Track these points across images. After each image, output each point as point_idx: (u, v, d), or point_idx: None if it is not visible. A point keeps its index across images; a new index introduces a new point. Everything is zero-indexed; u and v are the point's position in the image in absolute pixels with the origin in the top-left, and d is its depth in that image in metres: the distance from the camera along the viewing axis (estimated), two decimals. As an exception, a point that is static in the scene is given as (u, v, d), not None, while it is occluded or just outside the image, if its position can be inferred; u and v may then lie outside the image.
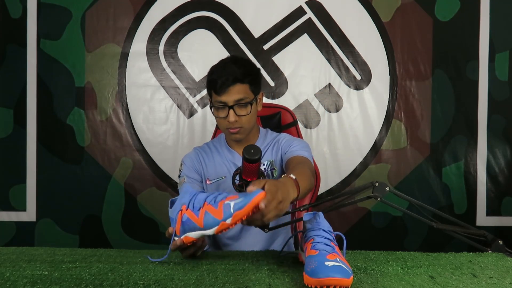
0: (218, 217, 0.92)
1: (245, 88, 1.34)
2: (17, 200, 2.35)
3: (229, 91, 1.32)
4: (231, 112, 1.33)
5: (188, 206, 0.96)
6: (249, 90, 1.35)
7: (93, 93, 2.37)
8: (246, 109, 1.34)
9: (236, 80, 1.32)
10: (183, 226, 0.96)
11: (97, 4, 2.36)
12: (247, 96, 1.34)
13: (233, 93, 1.32)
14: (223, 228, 0.92)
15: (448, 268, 0.98)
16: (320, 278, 0.77)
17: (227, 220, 0.91)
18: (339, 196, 1.24)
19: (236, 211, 0.90)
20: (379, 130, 2.42)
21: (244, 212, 0.89)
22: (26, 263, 0.97)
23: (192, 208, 0.96)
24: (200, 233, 0.94)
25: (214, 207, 0.93)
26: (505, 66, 2.42)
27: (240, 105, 1.33)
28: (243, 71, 1.34)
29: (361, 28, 2.41)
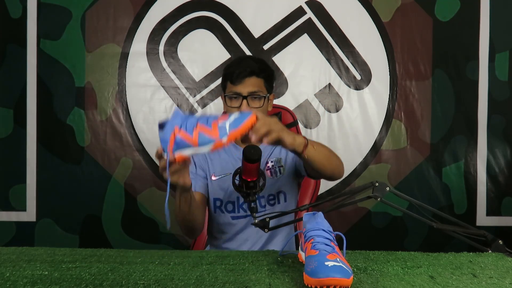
0: (213, 136, 0.95)
1: (260, 82, 1.39)
2: (17, 200, 2.35)
3: (244, 82, 1.37)
4: (244, 103, 1.36)
5: (181, 127, 0.98)
6: (263, 86, 1.40)
7: (93, 93, 2.37)
8: (260, 102, 1.38)
9: (253, 72, 1.37)
10: (177, 145, 0.98)
11: (97, 4, 2.36)
12: (261, 90, 1.39)
13: (248, 85, 1.37)
14: (218, 146, 0.96)
15: (448, 268, 0.98)
16: (320, 278, 0.77)
17: (222, 138, 0.95)
18: (339, 196, 1.24)
19: (231, 130, 0.95)
20: (379, 130, 2.42)
21: (238, 132, 0.95)
22: (26, 263, 0.97)
23: (185, 129, 0.98)
24: (194, 150, 0.98)
25: (207, 127, 0.96)
26: (505, 66, 2.42)
27: (254, 97, 1.37)
28: (259, 66, 1.40)
29: (361, 28, 2.41)
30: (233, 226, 1.45)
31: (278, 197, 1.45)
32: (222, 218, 1.46)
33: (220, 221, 1.47)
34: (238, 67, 1.39)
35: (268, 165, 1.45)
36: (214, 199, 1.46)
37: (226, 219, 1.46)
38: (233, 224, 1.45)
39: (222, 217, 1.46)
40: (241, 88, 1.37)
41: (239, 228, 1.44)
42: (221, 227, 1.47)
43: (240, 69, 1.37)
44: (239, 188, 1.20)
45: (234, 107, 1.38)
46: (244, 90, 1.36)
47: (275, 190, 1.44)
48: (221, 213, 1.46)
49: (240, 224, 1.44)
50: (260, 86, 1.39)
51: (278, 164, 1.46)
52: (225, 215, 1.45)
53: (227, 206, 1.45)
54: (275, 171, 1.44)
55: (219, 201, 1.46)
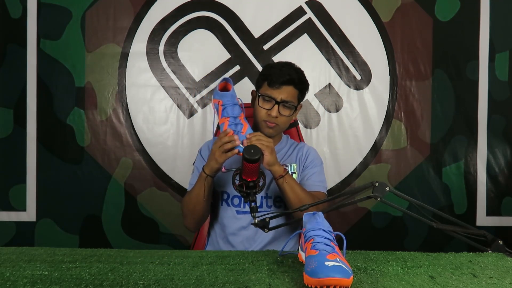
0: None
1: (295, 93, 1.45)
2: (17, 200, 2.35)
3: (282, 88, 1.42)
4: (275, 107, 1.41)
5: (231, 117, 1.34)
6: (297, 96, 1.46)
7: (93, 93, 2.37)
8: (290, 111, 1.44)
9: (292, 81, 1.43)
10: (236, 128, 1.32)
11: (97, 4, 2.36)
12: (293, 101, 1.45)
13: (284, 92, 1.42)
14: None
15: (448, 268, 0.98)
16: (320, 278, 0.77)
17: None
18: (339, 196, 1.25)
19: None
20: (379, 130, 2.42)
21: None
22: (26, 263, 0.97)
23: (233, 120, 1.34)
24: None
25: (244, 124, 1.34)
26: (505, 66, 2.42)
27: (286, 106, 1.43)
28: (299, 77, 1.46)
29: (361, 28, 2.41)
30: (237, 221, 1.46)
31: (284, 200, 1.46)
32: (227, 212, 1.48)
33: (225, 215, 1.49)
34: (279, 71, 1.44)
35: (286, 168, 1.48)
36: (222, 191, 1.49)
37: (231, 213, 1.47)
38: (237, 218, 1.46)
39: (228, 211, 1.48)
40: (276, 93, 1.42)
41: (243, 223, 1.45)
42: (226, 220, 1.48)
43: (281, 74, 1.42)
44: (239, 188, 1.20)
45: (265, 108, 1.43)
46: (279, 96, 1.42)
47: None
48: (227, 206, 1.48)
49: (245, 220, 1.45)
50: (294, 96, 1.45)
51: (292, 170, 1.50)
52: (230, 208, 1.47)
53: (233, 200, 1.47)
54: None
55: (226, 194, 1.48)
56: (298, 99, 1.48)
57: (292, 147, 1.57)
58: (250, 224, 1.44)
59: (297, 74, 1.46)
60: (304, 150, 1.56)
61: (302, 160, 1.53)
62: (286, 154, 1.55)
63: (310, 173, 1.50)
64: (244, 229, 1.46)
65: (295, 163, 1.52)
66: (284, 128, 1.51)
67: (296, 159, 1.53)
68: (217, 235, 1.51)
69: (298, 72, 1.48)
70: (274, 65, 1.51)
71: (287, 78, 1.42)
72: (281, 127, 1.48)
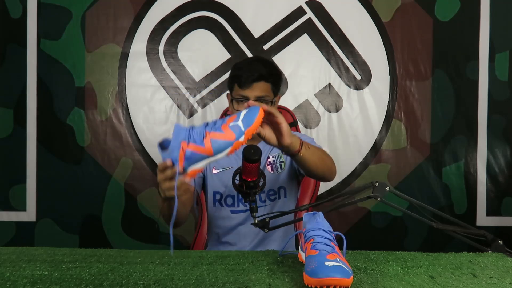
0: (229, 139, 0.91)
1: (267, 87, 1.40)
2: (17, 200, 2.35)
3: (253, 86, 1.37)
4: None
5: (189, 141, 0.91)
6: (271, 90, 1.41)
7: (93, 93, 2.37)
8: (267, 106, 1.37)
9: (261, 77, 1.38)
10: (188, 161, 0.90)
11: (97, 4, 2.36)
12: (268, 94, 1.39)
13: (256, 89, 1.37)
14: (236, 148, 0.92)
15: (448, 268, 0.98)
16: (320, 278, 0.77)
17: (240, 138, 0.91)
18: (339, 196, 1.25)
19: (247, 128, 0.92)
20: (379, 130, 2.42)
21: (254, 128, 0.92)
22: (26, 263, 0.97)
23: (194, 141, 0.91)
24: (209, 160, 0.92)
25: (219, 132, 0.92)
26: (505, 66, 2.42)
27: (261, 101, 1.36)
28: (268, 70, 1.40)
29: (361, 28, 2.41)
30: (232, 220, 1.46)
31: (279, 193, 1.45)
32: (221, 212, 1.47)
33: (219, 215, 1.48)
34: (247, 70, 1.38)
35: (269, 160, 1.45)
36: (214, 192, 1.47)
37: (226, 213, 1.46)
38: (232, 218, 1.45)
39: (222, 211, 1.47)
40: (248, 93, 1.37)
41: (238, 222, 1.45)
42: (220, 221, 1.48)
43: (248, 73, 1.37)
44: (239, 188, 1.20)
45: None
46: (251, 95, 1.37)
47: (276, 185, 1.44)
48: (220, 206, 1.47)
49: (239, 218, 1.45)
50: (268, 90, 1.40)
51: (279, 159, 1.46)
52: (224, 208, 1.46)
53: (226, 200, 1.46)
54: (276, 167, 1.45)
55: (219, 194, 1.46)
56: (273, 91, 1.42)
57: None
58: (244, 222, 1.44)
59: (266, 68, 1.40)
60: None
61: None
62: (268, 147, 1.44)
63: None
64: (240, 225, 1.45)
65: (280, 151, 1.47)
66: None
67: None
68: (214, 236, 1.51)
69: (267, 65, 1.42)
70: (241, 64, 1.44)
71: (256, 75, 1.37)
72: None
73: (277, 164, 1.45)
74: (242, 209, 1.44)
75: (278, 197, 1.45)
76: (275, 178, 1.44)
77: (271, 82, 1.41)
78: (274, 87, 1.42)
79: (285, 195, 1.46)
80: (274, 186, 1.44)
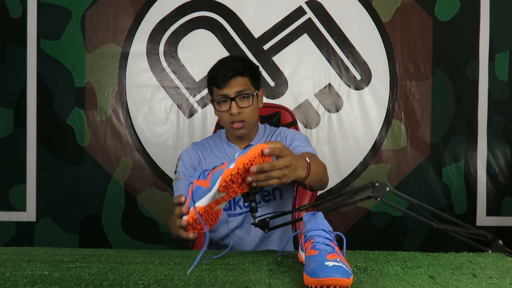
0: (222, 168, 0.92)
1: (245, 81, 1.38)
2: (17, 200, 2.35)
3: (230, 83, 1.35)
4: (233, 104, 1.35)
5: (199, 178, 0.96)
6: (250, 83, 1.38)
7: (93, 93, 2.37)
8: (248, 101, 1.37)
9: (237, 73, 1.36)
10: (193, 196, 0.94)
11: (97, 4, 2.36)
12: (248, 88, 1.37)
13: (234, 85, 1.36)
14: (227, 176, 0.90)
15: (448, 268, 0.98)
16: (320, 278, 0.77)
17: (230, 166, 0.91)
18: (339, 196, 1.24)
19: (239, 156, 0.92)
20: (379, 130, 2.42)
21: (246, 157, 0.90)
22: (26, 263, 0.97)
23: (203, 178, 0.95)
24: (207, 196, 0.93)
25: (219, 166, 0.94)
26: (505, 66, 2.42)
27: (242, 96, 1.36)
28: (243, 64, 1.38)
29: (361, 28, 2.41)
30: (229, 224, 1.45)
31: (273, 194, 1.44)
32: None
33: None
34: (221, 70, 1.37)
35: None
36: None
37: (223, 217, 1.46)
38: (229, 221, 1.45)
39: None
40: (227, 90, 1.35)
41: (235, 225, 1.45)
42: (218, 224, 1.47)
43: (224, 72, 1.36)
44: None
45: (223, 110, 1.37)
46: (230, 91, 1.35)
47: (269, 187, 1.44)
48: None
49: (236, 221, 1.44)
50: (247, 84, 1.37)
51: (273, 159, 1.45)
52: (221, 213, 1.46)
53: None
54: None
55: None
56: (253, 85, 1.39)
57: (270, 135, 1.49)
58: (241, 225, 1.44)
59: (239, 63, 1.38)
60: (282, 133, 1.48)
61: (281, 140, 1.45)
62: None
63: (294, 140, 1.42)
64: (237, 229, 1.45)
65: None
66: (254, 120, 1.41)
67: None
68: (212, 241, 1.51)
69: (240, 60, 1.41)
70: (215, 66, 1.43)
71: (231, 71, 1.35)
72: (250, 122, 1.39)
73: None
74: (238, 212, 1.44)
75: (273, 198, 1.44)
76: None
77: (248, 76, 1.38)
78: (252, 80, 1.39)
79: (281, 196, 1.46)
80: (268, 187, 1.44)
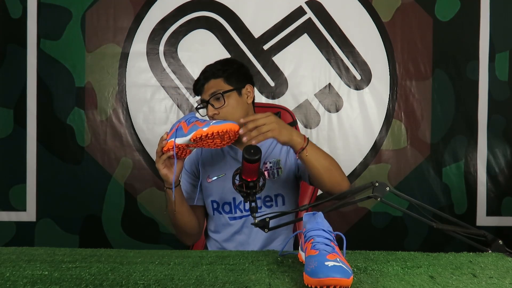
0: (199, 126, 1.17)
1: (218, 82, 1.40)
2: (17, 200, 2.35)
3: (204, 89, 1.41)
4: (209, 107, 1.39)
5: (186, 121, 1.22)
6: (224, 83, 1.40)
7: (93, 93, 2.37)
8: (219, 102, 1.38)
9: (209, 77, 1.41)
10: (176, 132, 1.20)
11: (97, 4, 2.36)
12: (220, 88, 1.38)
13: (208, 89, 1.40)
14: (198, 134, 1.16)
15: (448, 268, 0.98)
16: (320, 278, 0.77)
17: (204, 128, 1.15)
18: (339, 196, 1.24)
19: (214, 124, 1.15)
20: (379, 130, 2.42)
21: (219, 128, 1.14)
22: (26, 263, 0.97)
23: (187, 122, 1.20)
24: (183, 139, 1.19)
25: (200, 121, 1.19)
26: (505, 66, 2.42)
27: (216, 98, 1.37)
28: (217, 67, 1.43)
29: (361, 28, 2.41)
30: (230, 227, 1.45)
31: (276, 200, 1.43)
32: (220, 219, 1.46)
33: (218, 222, 1.47)
34: (198, 79, 1.44)
35: (266, 166, 1.44)
36: (211, 201, 1.46)
37: (224, 220, 1.46)
38: (230, 224, 1.45)
39: (220, 218, 1.46)
40: (204, 96, 1.41)
41: (236, 228, 1.44)
42: (219, 228, 1.47)
43: (200, 80, 1.42)
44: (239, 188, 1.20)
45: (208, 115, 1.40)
46: (205, 96, 1.39)
47: (273, 192, 1.43)
48: (219, 214, 1.46)
49: (238, 225, 1.44)
50: (219, 85, 1.39)
51: (276, 165, 1.44)
52: (223, 216, 1.45)
53: (224, 207, 1.44)
54: (273, 173, 1.43)
55: (216, 203, 1.45)
56: (229, 83, 1.39)
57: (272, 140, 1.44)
58: (243, 229, 1.44)
59: (214, 67, 1.42)
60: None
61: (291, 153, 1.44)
62: (268, 149, 1.45)
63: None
64: (238, 233, 1.44)
65: (279, 157, 1.44)
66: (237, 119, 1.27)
67: (280, 153, 1.45)
68: (212, 244, 1.51)
69: (216, 64, 1.44)
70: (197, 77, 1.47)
71: (202, 77, 1.42)
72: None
73: (274, 170, 1.44)
74: (239, 215, 1.43)
75: (275, 204, 1.43)
76: (272, 184, 1.42)
77: (223, 76, 1.40)
78: (228, 80, 1.40)
79: (283, 202, 1.44)
80: (270, 193, 1.43)
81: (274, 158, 1.45)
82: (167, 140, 1.21)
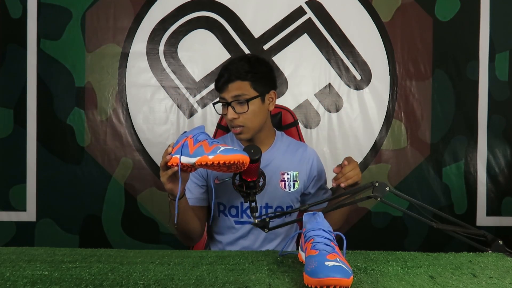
0: (206, 151, 1.07)
1: (245, 85, 1.33)
2: (17, 200, 2.35)
3: (228, 88, 1.33)
4: (229, 109, 1.33)
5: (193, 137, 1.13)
6: (250, 88, 1.33)
7: (93, 93, 2.37)
8: (243, 107, 1.32)
9: (237, 77, 1.32)
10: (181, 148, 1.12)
11: (97, 4, 2.36)
12: (246, 93, 1.33)
13: (232, 90, 1.33)
14: (203, 161, 1.07)
15: (448, 268, 0.98)
16: (320, 278, 0.77)
17: (209, 156, 1.06)
18: (339, 196, 1.25)
19: (221, 154, 1.05)
20: (379, 130, 2.42)
21: (225, 158, 1.04)
22: (26, 263, 0.97)
23: (194, 140, 1.12)
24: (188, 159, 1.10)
25: (208, 142, 1.11)
26: (505, 66, 2.42)
27: (239, 101, 1.32)
28: (246, 68, 1.33)
29: (361, 28, 2.41)
30: (236, 231, 1.44)
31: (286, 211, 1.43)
32: (225, 222, 1.44)
33: (223, 224, 1.45)
34: (222, 74, 1.35)
35: (284, 177, 1.43)
36: (218, 203, 1.44)
37: (230, 223, 1.44)
38: (236, 228, 1.43)
39: (226, 221, 1.44)
40: (225, 95, 1.33)
41: (241, 233, 1.43)
42: (224, 230, 1.46)
43: (225, 75, 1.33)
44: (239, 188, 1.20)
45: (224, 114, 1.37)
46: (228, 96, 1.32)
47: (285, 203, 1.43)
48: (224, 216, 1.44)
49: (243, 230, 1.43)
50: (245, 89, 1.32)
51: (293, 178, 1.43)
52: (228, 219, 1.43)
53: (230, 211, 1.43)
54: (289, 185, 1.42)
55: (222, 205, 1.44)
56: (255, 88, 1.33)
57: (290, 150, 1.46)
58: (248, 234, 1.43)
59: (243, 66, 1.33)
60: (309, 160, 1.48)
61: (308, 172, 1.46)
62: (282, 160, 1.44)
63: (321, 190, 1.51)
64: (242, 238, 1.44)
65: (297, 170, 1.44)
66: (255, 125, 1.36)
67: (298, 166, 1.45)
68: (215, 244, 1.50)
69: (246, 63, 1.35)
70: (222, 67, 1.38)
71: (230, 76, 1.31)
72: (250, 127, 1.35)
73: (290, 183, 1.43)
74: (246, 220, 1.42)
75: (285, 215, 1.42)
76: (286, 195, 1.42)
77: (250, 80, 1.33)
78: (255, 84, 1.33)
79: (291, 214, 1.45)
80: (283, 204, 1.43)
81: (293, 170, 1.44)
82: (172, 155, 1.12)
